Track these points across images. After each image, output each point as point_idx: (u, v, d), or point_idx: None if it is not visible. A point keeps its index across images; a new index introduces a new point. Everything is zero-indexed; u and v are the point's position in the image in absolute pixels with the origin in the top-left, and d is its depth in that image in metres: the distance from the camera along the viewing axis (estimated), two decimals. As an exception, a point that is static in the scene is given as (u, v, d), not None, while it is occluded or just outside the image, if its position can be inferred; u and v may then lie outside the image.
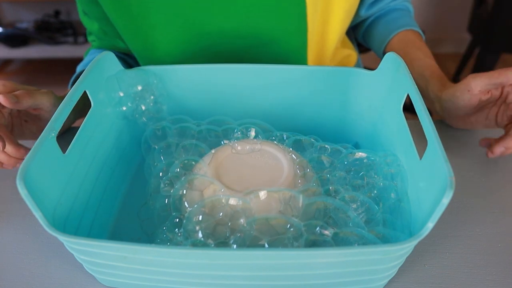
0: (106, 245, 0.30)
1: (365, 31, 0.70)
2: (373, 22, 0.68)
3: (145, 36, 0.56)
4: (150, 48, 0.57)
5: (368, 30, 0.69)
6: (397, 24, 0.64)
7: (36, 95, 0.46)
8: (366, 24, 0.69)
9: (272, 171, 0.40)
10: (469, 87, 0.47)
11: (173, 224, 0.37)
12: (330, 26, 0.58)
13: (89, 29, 0.65)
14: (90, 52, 0.68)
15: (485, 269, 0.39)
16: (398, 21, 0.65)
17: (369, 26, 0.69)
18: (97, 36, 0.65)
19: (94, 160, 0.42)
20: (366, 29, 0.70)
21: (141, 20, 0.54)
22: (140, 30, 0.55)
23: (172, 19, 0.54)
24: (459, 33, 2.21)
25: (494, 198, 0.47)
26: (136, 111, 0.47)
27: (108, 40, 0.65)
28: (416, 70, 0.57)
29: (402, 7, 0.67)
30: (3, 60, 2.35)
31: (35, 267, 0.40)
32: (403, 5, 0.67)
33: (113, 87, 0.47)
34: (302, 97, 0.50)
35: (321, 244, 0.35)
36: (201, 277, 0.32)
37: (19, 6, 2.20)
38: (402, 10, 0.67)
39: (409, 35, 0.63)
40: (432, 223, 0.29)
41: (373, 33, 0.67)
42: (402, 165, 0.40)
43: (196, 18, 0.54)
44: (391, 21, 0.65)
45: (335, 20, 0.58)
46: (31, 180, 0.31)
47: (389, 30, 0.64)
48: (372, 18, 0.68)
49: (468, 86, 0.47)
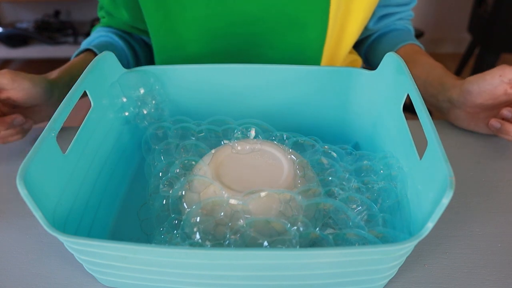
0: (106, 245, 0.30)
1: (369, 47, 0.73)
2: (376, 38, 0.72)
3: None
4: (171, 21, 0.58)
5: (371, 46, 0.72)
6: (401, 39, 0.67)
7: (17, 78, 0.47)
8: (369, 40, 0.72)
9: (272, 171, 0.40)
10: (502, 72, 0.49)
11: (171, 225, 0.37)
12: (348, 26, 0.60)
13: (101, 2, 0.66)
14: (97, 30, 0.69)
15: (485, 269, 0.39)
16: (402, 37, 0.68)
17: (373, 42, 0.72)
18: (107, 9, 0.66)
19: (94, 160, 0.42)
20: (369, 45, 0.73)
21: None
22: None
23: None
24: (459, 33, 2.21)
25: (494, 198, 0.47)
26: (138, 117, 0.48)
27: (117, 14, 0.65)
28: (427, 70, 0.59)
29: (404, 28, 0.71)
30: (3, 60, 2.35)
31: (35, 267, 0.40)
32: (405, 27, 0.71)
33: (116, 93, 0.47)
34: (302, 97, 0.50)
35: (321, 244, 0.35)
36: (201, 277, 0.32)
37: (19, 6, 2.20)
38: (404, 30, 0.71)
39: (414, 47, 0.66)
40: (432, 223, 0.29)
41: (377, 47, 0.70)
42: (401, 165, 0.40)
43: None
44: (395, 37, 0.69)
45: (354, 21, 0.60)
46: (31, 180, 0.31)
47: (394, 43, 0.67)
48: (376, 34, 0.71)
49: (501, 71, 0.49)
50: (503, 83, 0.49)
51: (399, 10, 0.68)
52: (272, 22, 0.58)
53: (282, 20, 0.57)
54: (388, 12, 0.67)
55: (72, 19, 2.18)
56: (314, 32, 0.58)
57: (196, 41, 0.60)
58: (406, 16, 0.70)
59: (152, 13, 0.59)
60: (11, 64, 2.35)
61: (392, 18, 0.69)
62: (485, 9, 1.57)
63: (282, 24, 0.58)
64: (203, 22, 0.58)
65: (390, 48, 0.67)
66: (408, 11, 0.70)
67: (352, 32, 0.61)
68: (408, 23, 0.71)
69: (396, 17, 0.69)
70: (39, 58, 2.05)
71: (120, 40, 0.66)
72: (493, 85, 0.50)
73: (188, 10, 0.56)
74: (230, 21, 0.57)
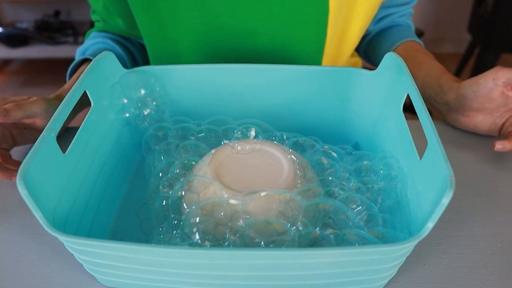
0: (106, 245, 0.30)
1: (368, 44, 0.72)
2: (376, 34, 0.71)
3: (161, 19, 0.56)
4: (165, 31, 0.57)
5: (371, 43, 0.72)
6: (401, 35, 0.67)
7: (25, 106, 0.46)
8: (368, 37, 0.72)
9: (272, 171, 0.40)
10: (495, 76, 0.48)
11: (171, 226, 0.37)
12: (347, 36, 0.60)
13: (94, 7, 0.65)
14: (91, 36, 0.67)
15: (485, 269, 0.39)
16: (401, 33, 0.67)
17: (373, 39, 0.71)
18: (100, 15, 0.65)
19: (94, 160, 0.42)
20: (368, 42, 0.72)
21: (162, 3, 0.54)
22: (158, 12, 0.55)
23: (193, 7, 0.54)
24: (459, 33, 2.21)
25: (494, 198, 0.47)
26: (138, 118, 0.48)
27: (111, 21, 0.64)
28: (425, 70, 0.59)
29: (405, 23, 0.70)
30: (3, 60, 2.35)
31: (35, 267, 0.40)
32: (405, 22, 0.70)
33: (117, 94, 0.47)
34: (302, 97, 0.50)
35: (322, 244, 0.35)
36: (201, 277, 0.32)
37: (19, 6, 2.20)
38: (404, 26, 0.70)
39: (414, 44, 0.65)
40: (432, 223, 0.29)
41: (377, 44, 0.70)
42: (401, 165, 0.40)
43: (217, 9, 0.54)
44: (395, 33, 0.68)
45: (353, 31, 0.59)
46: (31, 180, 0.31)
47: (394, 40, 0.66)
48: (375, 31, 0.71)
49: (494, 74, 0.48)
50: (498, 86, 0.49)
51: (399, 10, 0.67)
52: (268, 37, 0.56)
53: (278, 35, 0.56)
54: (389, 12, 0.67)
55: (72, 19, 2.18)
56: (311, 46, 0.57)
57: (190, 51, 0.59)
58: (407, 13, 0.69)
59: (145, 24, 0.58)
60: (11, 64, 2.35)
61: (392, 17, 0.68)
62: (485, 9, 1.57)
63: (278, 39, 0.57)
64: (198, 34, 0.57)
65: (389, 45, 0.66)
66: (409, 9, 0.69)
67: (351, 42, 0.60)
68: (408, 19, 0.70)
69: (396, 15, 0.68)
70: (39, 58, 2.05)
71: (117, 46, 0.65)
72: (487, 88, 0.49)
73: (182, 22, 0.55)
74: (225, 34, 0.56)
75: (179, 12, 0.55)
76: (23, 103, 0.46)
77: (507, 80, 0.48)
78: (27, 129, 0.50)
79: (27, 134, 0.51)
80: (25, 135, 0.50)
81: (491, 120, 0.52)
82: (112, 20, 0.64)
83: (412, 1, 0.67)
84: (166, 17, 0.55)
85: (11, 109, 0.44)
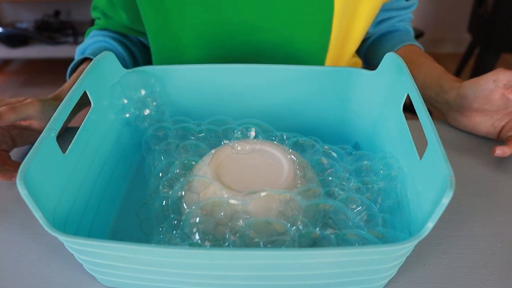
0: (106, 245, 0.30)
1: (368, 47, 0.73)
2: (376, 39, 0.71)
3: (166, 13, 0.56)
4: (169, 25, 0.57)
5: (371, 47, 0.72)
6: (401, 39, 0.67)
7: (19, 108, 0.46)
8: (369, 41, 0.72)
9: (272, 171, 0.40)
10: (495, 77, 0.48)
11: (171, 226, 0.37)
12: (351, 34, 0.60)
13: (96, 2, 0.64)
14: (91, 34, 0.67)
15: (485, 269, 0.39)
16: (401, 38, 0.68)
17: (373, 43, 0.72)
18: (102, 11, 0.64)
19: (94, 160, 0.42)
20: (369, 45, 0.72)
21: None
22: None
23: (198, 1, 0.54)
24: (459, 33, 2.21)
25: (494, 198, 0.47)
26: (138, 118, 0.48)
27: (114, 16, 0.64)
28: (425, 71, 0.59)
29: (404, 29, 0.71)
30: (3, 60, 2.35)
31: (35, 267, 0.40)
32: (405, 28, 0.71)
33: (117, 94, 0.47)
34: (302, 97, 0.50)
35: (322, 244, 0.35)
36: (201, 277, 0.32)
37: (19, 6, 2.20)
38: (404, 31, 0.71)
39: (414, 48, 0.66)
40: (432, 223, 0.29)
41: (377, 48, 0.70)
42: (401, 165, 0.40)
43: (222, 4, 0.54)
44: (394, 37, 0.69)
45: (357, 30, 0.59)
46: (31, 180, 0.31)
47: (393, 44, 0.67)
48: (376, 35, 0.71)
49: (495, 76, 0.49)
50: (498, 88, 0.49)
51: (399, 14, 0.68)
52: (272, 34, 0.56)
53: (282, 32, 0.56)
54: (389, 15, 0.67)
55: (72, 19, 2.18)
56: (315, 43, 0.57)
57: (194, 46, 0.59)
58: (406, 18, 0.70)
59: (150, 16, 0.58)
60: (11, 64, 2.35)
61: (392, 21, 0.69)
62: (485, 9, 1.57)
63: (282, 36, 0.57)
64: (201, 29, 0.57)
65: (389, 49, 0.67)
66: (408, 14, 0.70)
67: (354, 42, 0.61)
68: (408, 24, 0.71)
69: (396, 20, 0.69)
70: (39, 58, 2.05)
71: (117, 44, 0.65)
72: (488, 90, 0.49)
73: (187, 16, 0.56)
74: (229, 30, 0.56)
75: (184, 5, 0.55)
76: (17, 106, 0.46)
77: (508, 82, 0.48)
78: (27, 130, 0.50)
79: (26, 135, 0.51)
80: (25, 136, 0.50)
81: (490, 122, 0.52)
82: (115, 14, 0.64)
83: (412, 6, 0.68)
84: (171, 10, 0.56)
85: (4, 112, 0.44)
